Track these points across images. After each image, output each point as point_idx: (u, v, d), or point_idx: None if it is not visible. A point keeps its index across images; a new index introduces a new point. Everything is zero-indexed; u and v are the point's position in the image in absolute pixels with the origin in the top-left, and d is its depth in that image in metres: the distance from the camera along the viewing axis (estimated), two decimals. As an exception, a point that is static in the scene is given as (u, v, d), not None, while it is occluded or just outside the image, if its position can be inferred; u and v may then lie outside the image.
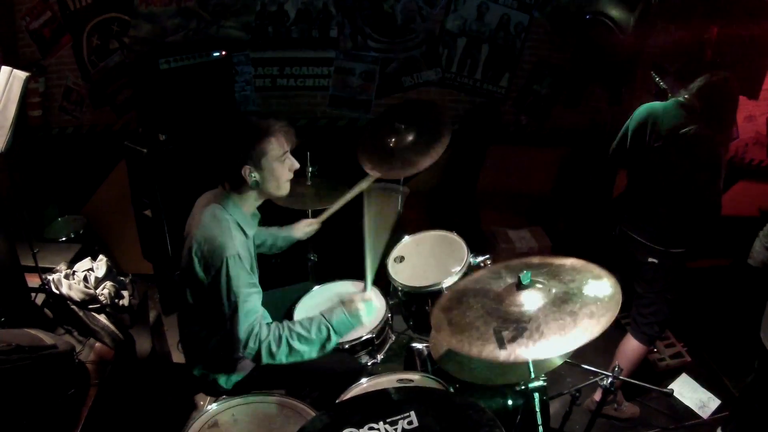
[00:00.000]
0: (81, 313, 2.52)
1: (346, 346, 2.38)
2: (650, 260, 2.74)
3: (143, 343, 2.78)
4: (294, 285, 2.82)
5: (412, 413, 1.65)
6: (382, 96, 4.06)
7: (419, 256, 2.87)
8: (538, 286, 1.88)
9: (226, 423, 2.01)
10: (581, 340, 1.66)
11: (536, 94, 4.13)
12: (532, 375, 1.84)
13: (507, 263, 2.09)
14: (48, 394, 2.04)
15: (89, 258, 2.76)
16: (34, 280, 2.60)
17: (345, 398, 2.12)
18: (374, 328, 2.43)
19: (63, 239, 3.76)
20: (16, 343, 2.00)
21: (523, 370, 1.86)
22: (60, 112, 3.94)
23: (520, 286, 1.86)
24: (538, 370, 1.90)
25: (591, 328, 1.68)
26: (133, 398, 2.59)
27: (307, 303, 2.63)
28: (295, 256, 3.24)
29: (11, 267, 2.50)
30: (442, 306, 2.00)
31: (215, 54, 3.41)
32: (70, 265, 2.72)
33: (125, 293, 2.69)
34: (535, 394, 1.87)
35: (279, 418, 2.03)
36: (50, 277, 2.58)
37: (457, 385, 2.24)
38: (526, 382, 1.88)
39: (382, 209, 2.59)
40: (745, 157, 4.07)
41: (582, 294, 1.81)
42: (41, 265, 2.59)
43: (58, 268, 2.67)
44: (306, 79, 3.97)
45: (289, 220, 2.83)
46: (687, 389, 3.24)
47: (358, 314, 2.10)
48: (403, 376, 2.25)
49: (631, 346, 2.91)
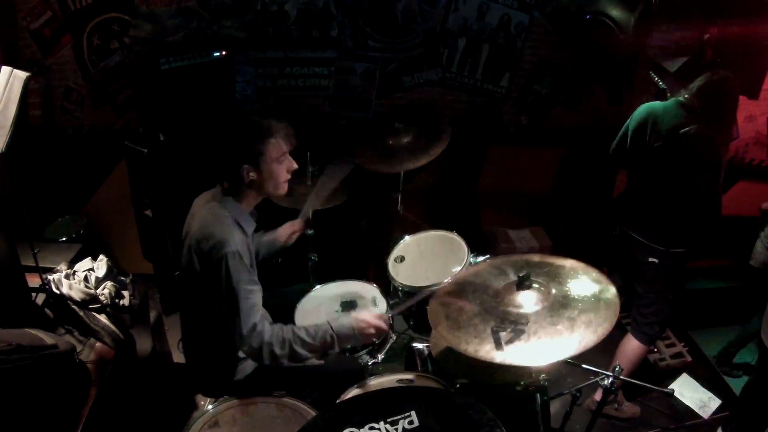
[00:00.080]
0: (81, 313, 2.52)
1: (347, 346, 2.37)
2: (650, 260, 2.75)
3: (144, 343, 2.78)
4: (294, 285, 2.81)
5: (413, 413, 1.65)
6: (383, 96, 4.06)
7: (420, 256, 2.87)
8: (537, 288, 1.87)
9: (227, 423, 2.01)
10: (578, 348, 1.66)
11: (536, 94, 4.13)
12: (532, 375, 1.85)
13: (508, 257, 2.09)
14: (48, 394, 2.04)
15: (90, 258, 2.75)
16: (34, 280, 2.60)
17: (345, 398, 2.12)
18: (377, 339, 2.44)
19: (63, 239, 3.76)
20: (17, 343, 2.00)
21: (524, 369, 1.86)
22: (60, 112, 3.94)
23: (520, 285, 1.86)
24: (539, 370, 1.90)
25: (588, 337, 1.67)
26: (133, 398, 2.59)
27: (308, 303, 2.63)
28: (295, 255, 3.24)
29: (12, 267, 2.50)
30: (441, 300, 1.99)
31: (216, 54, 3.40)
32: (71, 265, 2.71)
33: (126, 293, 2.69)
34: (536, 394, 1.87)
35: (279, 419, 2.03)
36: (51, 277, 2.58)
37: (458, 385, 2.24)
38: (527, 382, 1.89)
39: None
40: (745, 156, 4.07)
41: (581, 300, 1.81)
42: (42, 265, 2.59)
43: (58, 268, 2.67)
44: (306, 79, 3.97)
45: (289, 220, 2.83)
46: (687, 389, 3.24)
47: (368, 335, 2.14)
48: (403, 376, 2.26)
49: (631, 346, 2.91)
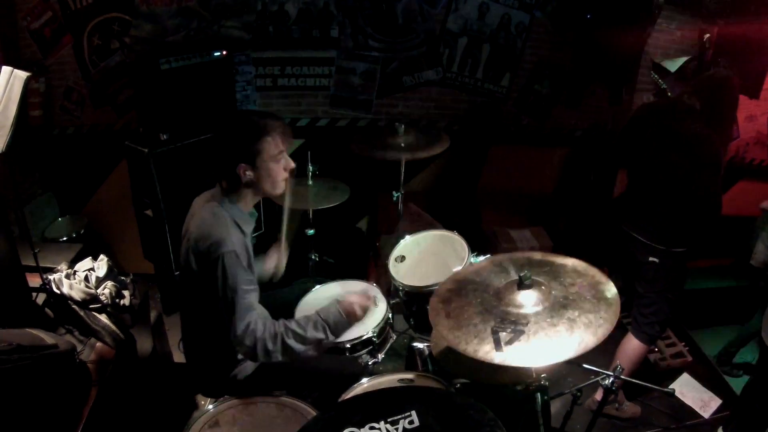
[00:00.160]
0: (82, 313, 2.52)
1: (347, 345, 2.37)
2: (651, 259, 2.74)
3: (144, 343, 2.78)
4: (295, 284, 2.82)
5: (413, 413, 1.64)
6: (383, 96, 4.06)
7: (420, 255, 2.87)
8: (538, 287, 1.87)
9: (227, 423, 2.01)
10: (578, 350, 1.65)
11: (537, 94, 4.13)
12: (533, 375, 1.85)
13: (510, 255, 2.09)
14: (49, 394, 2.04)
15: (90, 258, 2.75)
16: (35, 280, 2.60)
17: (346, 398, 2.12)
18: (375, 328, 2.43)
19: (64, 239, 3.77)
20: (17, 343, 2.00)
21: (525, 369, 1.86)
22: (61, 111, 3.94)
23: (521, 285, 1.86)
24: (539, 370, 1.90)
25: (587, 339, 1.67)
26: (134, 398, 2.59)
27: (308, 302, 2.63)
28: (295, 255, 3.24)
29: (12, 267, 2.49)
30: (441, 296, 1.99)
31: (216, 54, 3.40)
32: (71, 264, 2.71)
33: (126, 293, 2.69)
34: (537, 394, 1.87)
35: (280, 418, 2.03)
36: (51, 277, 2.58)
37: (458, 385, 2.24)
38: (528, 381, 1.89)
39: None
40: (745, 156, 4.07)
41: (581, 301, 1.81)
42: (42, 264, 2.58)
43: (59, 267, 2.66)
44: (307, 79, 3.97)
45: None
46: (688, 389, 3.24)
47: (354, 313, 2.11)
48: (403, 375, 2.25)
49: (632, 346, 2.91)
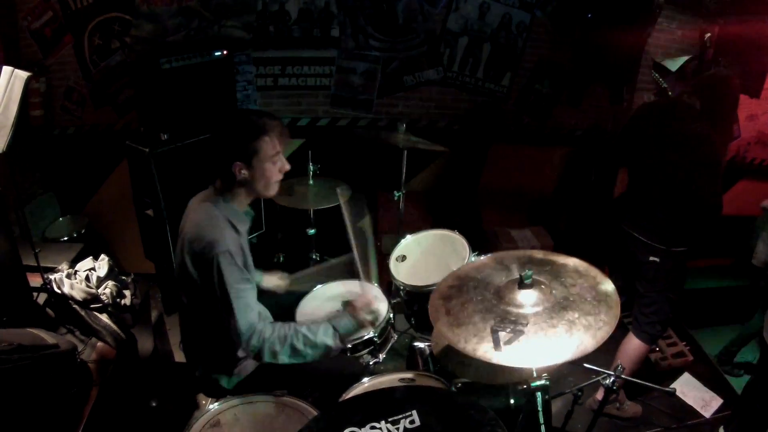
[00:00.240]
0: (83, 313, 2.53)
1: (348, 345, 2.37)
2: (651, 259, 2.74)
3: (145, 343, 2.79)
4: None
5: (414, 412, 1.64)
6: (384, 95, 4.06)
7: (421, 255, 2.87)
8: (539, 287, 1.87)
9: (228, 422, 2.01)
10: (576, 353, 1.65)
11: (538, 94, 4.13)
12: (534, 374, 1.84)
13: (512, 253, 2.09)
14: (50, 394, 2.04)
15: (91, 257, 2.76)
16: (35, 280, 2.60)
17: (346, 397, 2.11)
18: (376, 328, 2.43)
19: (65, 239, 3.77)
20: (18, 343, 2.00)
21: (525, 369, 1.85)
22: (61, 111, 3.94)
23: (522, 284, 1.86)
24: (540, 369, 1.90)
25: (586, 342, 1.67)
26: (134, 398, 2.59)
27: (309, 302, 2.63)
28: (296, 255, 3.25)
29: (13, 267, 2.50)
30: (442, 293, 1.99)
31: (217, 53, 3.40)
32: (72, 264, 2.72)
33: (127, 293, 2.70)
34: (538, 393, 1.87)
35: (280, 418, 2.02)
36: (52, 277, 2.58)
37: (459, 385, 2.23)
38: (529, 381, 1.88)
39: (355, 216, 2.60)
40: (746, 156, 4.06)
41: (581, 302, 1.80)
42: (43, 264, 2.59)
43: (59, 267, 2.67)
44: (307, 79, 3.97)
45: (290, 219, 2.82)
46: (689, 388, 3.24)
47: (365, 321, 2.15)
48: (404, 375, 2.25)
49: (632, 345, 2.90)
